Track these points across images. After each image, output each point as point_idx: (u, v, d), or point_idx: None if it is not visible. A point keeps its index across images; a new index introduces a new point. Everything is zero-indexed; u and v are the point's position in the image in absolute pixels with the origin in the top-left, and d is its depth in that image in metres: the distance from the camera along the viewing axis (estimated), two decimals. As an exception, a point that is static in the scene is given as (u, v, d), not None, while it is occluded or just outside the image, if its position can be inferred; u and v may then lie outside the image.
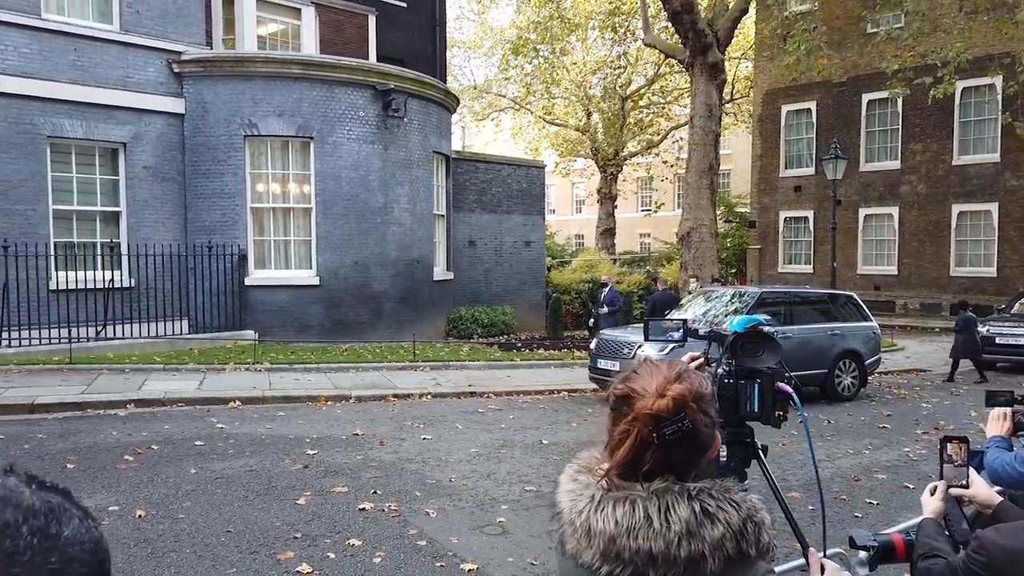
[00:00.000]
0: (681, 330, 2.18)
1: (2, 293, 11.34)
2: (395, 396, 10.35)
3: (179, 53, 13.17)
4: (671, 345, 8.66)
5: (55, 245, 12.14)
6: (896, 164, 22.52)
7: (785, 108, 24.72)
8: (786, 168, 24.94)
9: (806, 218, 24.53)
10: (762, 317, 2.35)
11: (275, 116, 13.43)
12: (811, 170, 23.89)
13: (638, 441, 1.26)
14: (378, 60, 16.32)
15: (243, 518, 5.45)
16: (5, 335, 11.32)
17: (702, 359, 1.90)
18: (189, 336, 13.06)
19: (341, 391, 10.34)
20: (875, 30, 20.00)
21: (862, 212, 23.24)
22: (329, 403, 9.91)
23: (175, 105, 13.21)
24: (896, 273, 22.64)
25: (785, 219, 25.05)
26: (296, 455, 7.19)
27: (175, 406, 9.38)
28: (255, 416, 9.00)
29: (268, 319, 13.63)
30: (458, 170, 17.42)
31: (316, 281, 13.83)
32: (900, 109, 21.91)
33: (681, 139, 32.32)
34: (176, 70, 13.18)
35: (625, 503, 1.24)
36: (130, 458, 6.92)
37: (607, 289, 13.28)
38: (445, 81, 18.88)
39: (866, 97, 22.74)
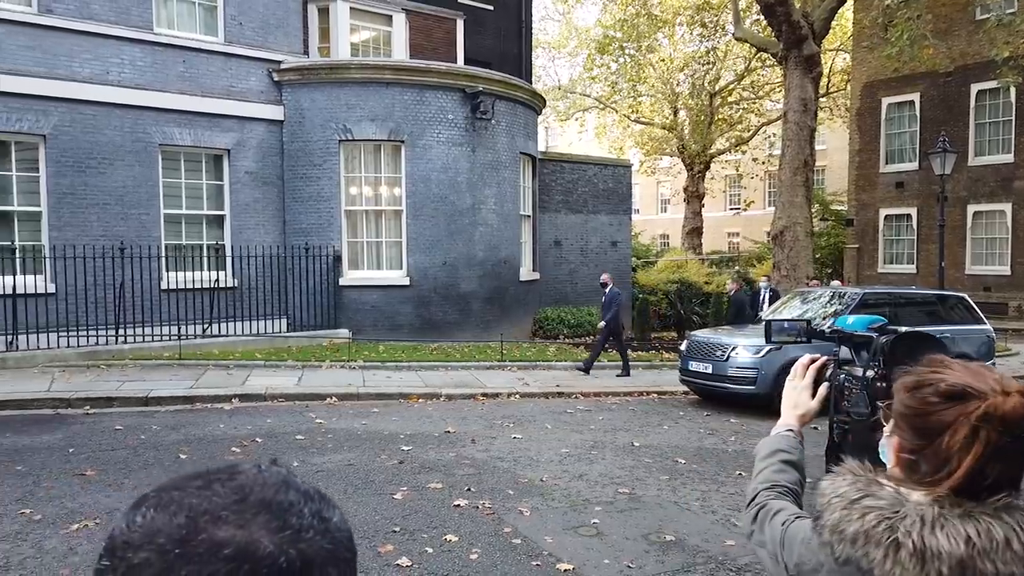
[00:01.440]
0: (803, 330, 2.04)
1: (119, 292, 12.10)
2: (484, 395, 10.46)
3: (279, 62, 13.73)
4: (767, 347, 8.39)
5: (166, 247, 12.87)
6: (1009, 158, 21.14)
7: (886, 101, 23.60)
8: (887, 163, 23.81)
9: (908, 215, 23.34)
10: (881, 317, 2.22)
11: (368, 120, 13.81)
12: (914, 165, 22.73)
13: (988, 448, 1.07)
14: (465, 63, 16.55)
15: (344, 510, 5.60)
16: (121, 332, 12.08)
17: (823, 361, 1.76)
18: (287, 334, 13.58)
19: (432, 389, 10.53)
20: (985, 16, 18.85)
21: (970, 209, 21.93)
22: (421, 401, 10.11)
23: (275, 112, 13.79)
24: (1009, 273, 21.25)
25: (885, 217, 23.91)
26: (391, 451, 7.37)
27: (276, 401, 9.78)
28: (351, 412, 9.28)
29: (361, 318, 14.03)
30: (544, 170, 17.45)
31: (406, 281, 14.14)
32: (1013, 99, 20.56)
33: (772, 135, 31.38)
34: (276, 78, 13.75)
35: (972, 521, 1.06)
36: (237, 450, 7.26)
37: (607, 289, 12.69)
38: (531, 82, 18.94)
39: (975, 87, 21.45)
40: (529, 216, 16.56)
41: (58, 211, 11.85)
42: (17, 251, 11.47)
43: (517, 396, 10.54)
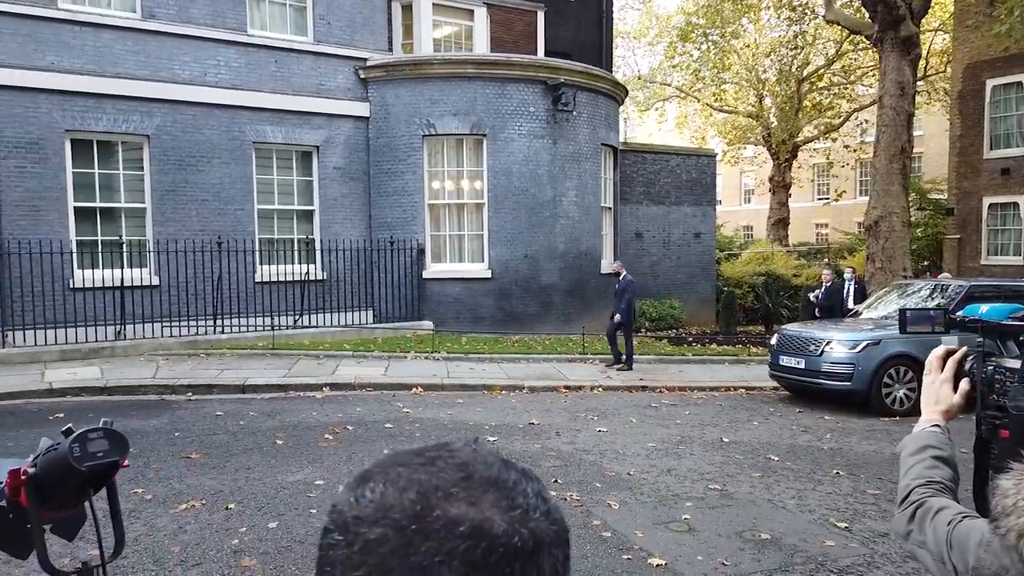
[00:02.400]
0: (942, 320, 1.88)
1: (217, 284, 12.66)
2: (566, 387, 10.44)
3: (364, 60, 14.04)
4: (865, 342, 8.04)
5: (259, 241, 13.38)
6: None
7: (991, 83, 22.18)
8: (991, 149, 22.41)
9: (1015, 204, 21.92)
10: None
11: (451, 115, 13.96)
12: (1021, 151, 21.31)
13: None
14: (546, 55, 16.51)
15: (434, 499, 5.71)
16: (219, 322, 12.64)
17: (963, 353, 1.61)
18: (373, 325, 13.91)
19: (514, 381, 10.58)
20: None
21: (1087, 196, 20.43)
22: (503, 392, 10.18)
23: (361, 109, 14.11)
24: None
25: (989, 206, 22.52)
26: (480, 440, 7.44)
27: (364, 390, 10.03)
28: (436, 402, 9.43)
29: (444, 310, 14.23)
30: (625, 162, 17.25)
31: (488, 274, 14.25)
32: None
33: (865, 121, 30.03)
34: (362, 76, 14.07)
35: None
36: (329, 437, 7.48)
37: (620, 278, 12.27)
38: (611, 72, 18.73)
39: (1093, 65, 19.92)
40: (610, 208, 16.41)
41: (161, 207, 12.48)
42: (124, 246, 12.14)
43: (600, 389, 10.48)
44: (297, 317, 13.31)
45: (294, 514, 5.31)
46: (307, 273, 13.57)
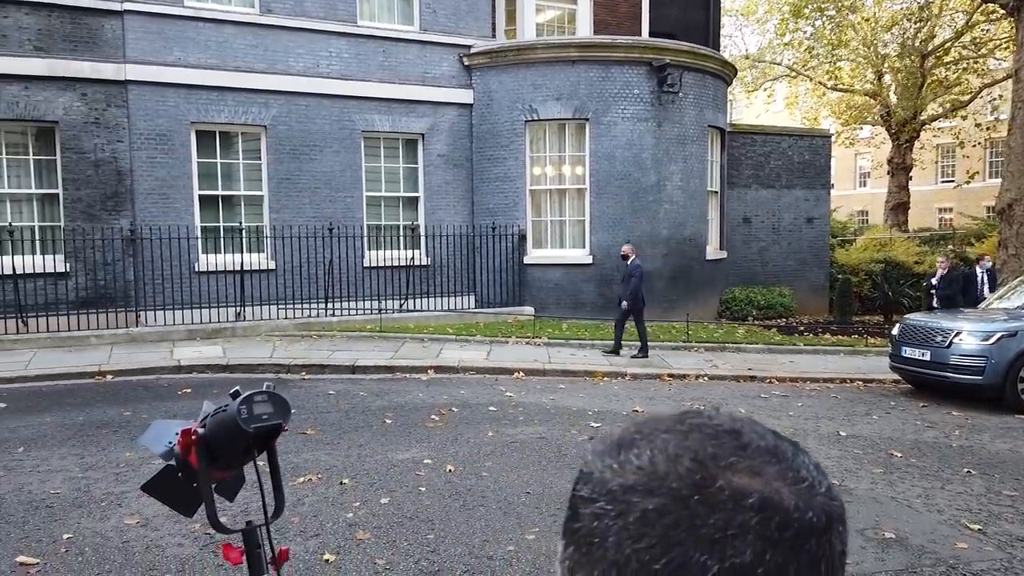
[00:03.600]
0: None
1: (328, 269, 13.15)
2: (670, 376, 10.24)
3: (469, 47, 14.16)
4: (999, 334, 7.47)
5: (367, 227, 13.78)
6: None
7: None
8: None
9: None
10: None
11: (553, 100, 13.89)
12: None
13: None
14: (651, 36, 16.12)
15: (540, 482, 5.73)
16: (330, 305, 13.14)
17: None
18: (475, 310, 14.09)
19: (616, 368, 10.46)
20: None
21: None
22: (606, 379, 10.09)
23: (465, 96, 14.26)
24: None
25: None
26: (581, 427, 7.41)
27: (467, 374, 10.18)
28: (538, 387, 9.45)
29: (544, 296, 14.24)
30: (733, 144, 16.67)
31: (589, 260, 14.14)
32: None
33: (998, 97, 27.82)
34: (466, 63, 14.20)
35: None
36: (435, 418, 7.63)
37: (628, 261, 11.79)
38: (719, 52, 18.10)
39: None
40: (716, 192, 15.92)
41: (277, 195, 13.05)
42: (244, 232, 12.79)
43: (705, 378, 10.21)
44: (402, 301, 13.65)
45: (404, 491, 5.44)
46: (412, 259, 13.89)
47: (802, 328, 14.57)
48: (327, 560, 4.29)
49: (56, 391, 8.75)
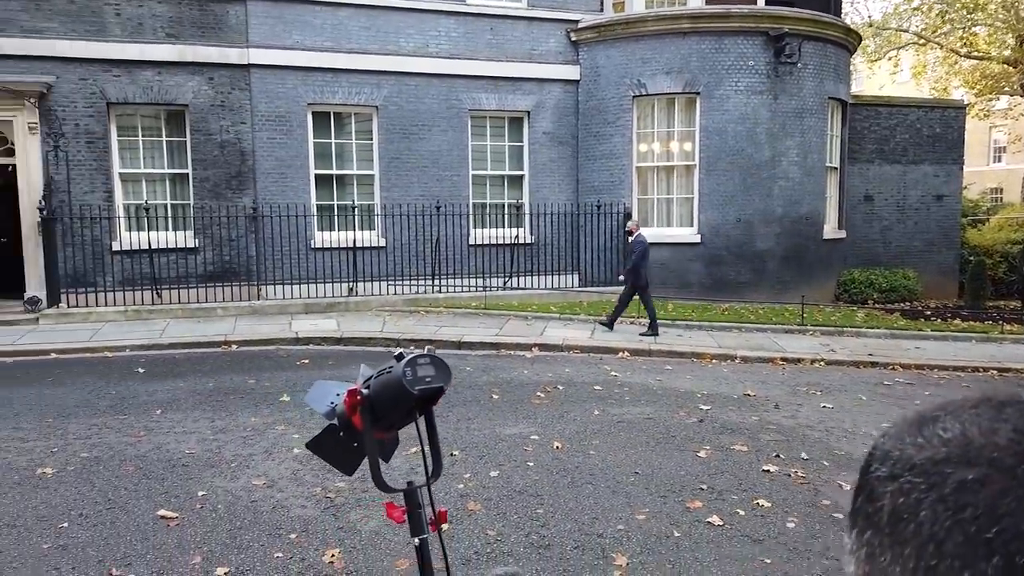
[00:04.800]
0: None
1: (435, 247, 13.40)
2: (783, 359, 9.85)
3: (576, 22, 13.97)
4: None
5: (472, 206, 13.93)
6: None
7: None
8: None
9: None
10: None
11: (663, 74, 13.52)
12: None
13: None
14: (767, 4, 15.36)
15: (648, 462, 5.65)
16: (436, 282, 13.40)
17: None
18: (579, 289, 14.03)
19: (726, 350, 10.17)
20: None
21: None
22: (714, 361, 9.83)
23: (571, 72, 14.11)
24: None
25: None
26: (689, 409, 7.25)
27: (571, 352, 10.15)
28: (644, 367, 9.31)
29: (651, 275, 13.94)
30: (855, 116, 15.74)
31: (697, 239, 13.76)
32: None
33: None
34: (573, 38, 14.03)
35: None
36: (541, 395, 7.66)
37: (632, 237, 11.20)
38: (841, 19, 17.08)
39: None
40: (836, 168, 15.11)
41: (387, 174, 13.38)
42: (356, 210, 13.20)
43: (822, 363, 9.76)
44: (506, 279, 13.75)
45: (512, 465, 5.50)
46: (516, 237, 13.95)
47: (928, 313, 13.68)
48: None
49: (187, 358, 9.37)
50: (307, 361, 9.17)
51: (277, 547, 4.13)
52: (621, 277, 11.11)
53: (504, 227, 14.09)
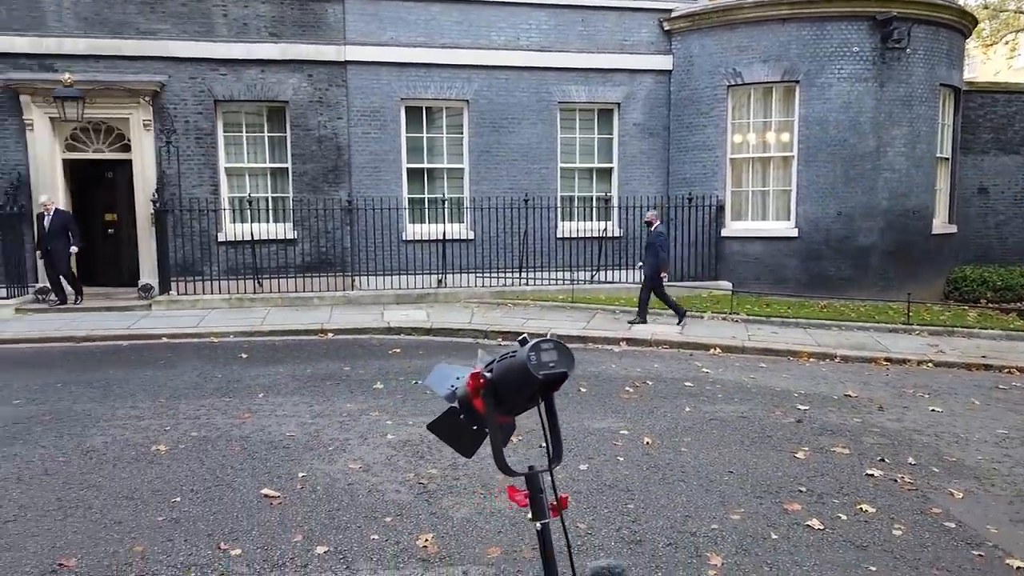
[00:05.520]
0: None
1: (523, 240, 13.45)
2: (887, 360, 9.38)
3: (669, 11, 13.70)
4: None
5: (560, 199, 13.89)
6: None
7: None
8: None
9: None
10: None
11: (760, 63, 13.08)
12: None
13: None
14: (873, -12, 14.62)
15: (742, 461, 5.49)
16: (524, 275, 13.45)
17: None
18: (668, 284, 13.71)
19: (824, 349, 9.77)
20: None
21: None
22: (811, 360, 9.46)
23: (663, 63, 13.85)
24: None
25: None
26: (786, 408, 7.01)
27: (660, 347, 9.99)
28: (736, 365, 9.06)
29: (742, 270, 13.59)
30: (969, 104, 14.80)
31: (794, 233, 13.27)
32: None
33: None
34: (666, 28, 13.76)
35: None
36: (630, 389, 7.57)
37: (651, 228, 10.93)
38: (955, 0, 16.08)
39: None
40: (947, 159, 14.25)
41: (477, 167, 13.51)
42: (445, 203, 13.39)
43: (930, 364, 9.24)
44: (594, 273, 13.65)
45: (602, 459, 5.46)
46: (604, 230, 13.83)
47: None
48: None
49: (286, 345, 9.75)
50: (399, 350, 9.38)
51: (373, 529, 4.25)
52: (664, 275, 10.91)
53: (592, 220, 14.00)
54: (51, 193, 12.13)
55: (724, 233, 13.66)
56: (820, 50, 12.83)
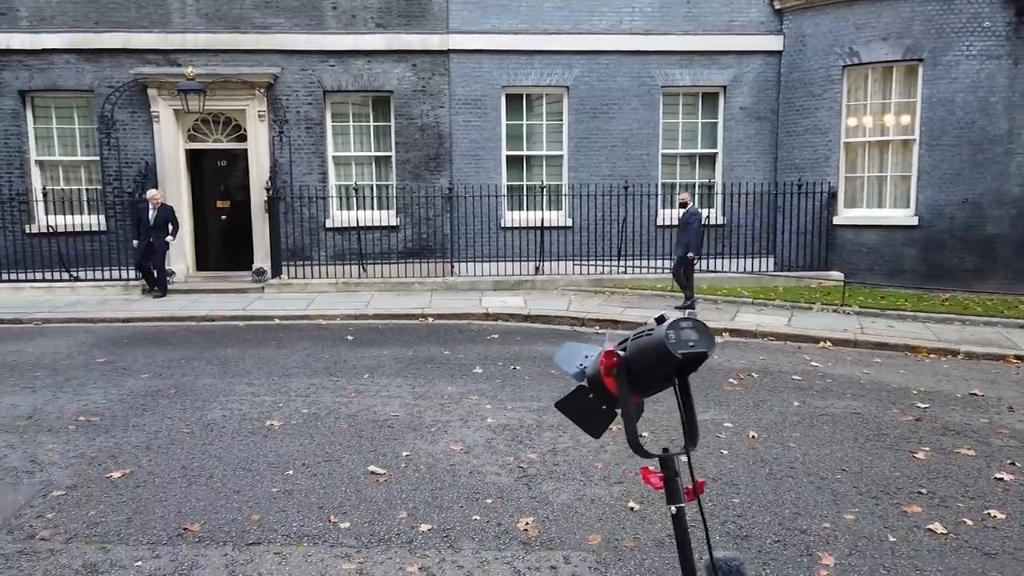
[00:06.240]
0: None
1: (621, 227, 13.27)
2: (1017, 357, 8.70)
3: (780, -11, 13.14)
4: None
5: (661, 186, 13.61)
6: None
7: None
8: None
9: None
10: None
11: (879, 41, 12.35)
12: None
13: None
14: (1009, -44, 13.51)
15: (856, 460, 5.23)
16: (622, 263, 13.28)
17: None
18: (774, 273, 13.28)
19: (945, 344, 9.16)
20: None
21: None
22: (931, 356, 8.90)
23: (773, 43, 13.30)
24: None
25: None
26: (904, 406, 6.62)
27: (765, 339, 9.65)
28: (848, 359, 8.64)
29: (855, 260, 12.93)
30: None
31: (914, 221, 12.50)
32: None
33: None
34: (777, 6, 13.19)
35: None
36: (734, 382, 7.35)
37: (686, 209, 10.92)
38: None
39: None
40: (1091, 141, 13.03)
41: (576, 154, 13.42)
42: (544, 190, 13.38)
43: (1068, 364, 8.51)
44: (695, 262, 13.29)
45: (705, 452, 5.32)
46: (707, 217, 13.44)
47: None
48: (631, 508, 4.35)
49: (389, 328, 10.03)
50: (496, 336, 9.46)
51: (475, 510, 4.30)
52: (692, 255, 10.94)
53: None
54: (174, 182, 12.92)
55: (836, 221, 13.03)
56: (947, 26, 11.98)
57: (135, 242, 12.21)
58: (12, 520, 4.17)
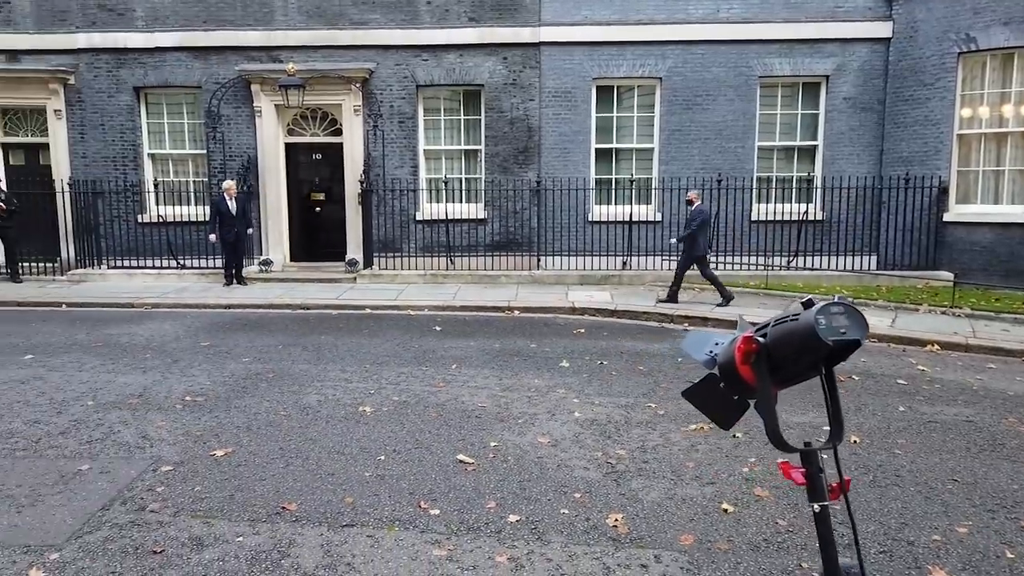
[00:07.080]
0: None
1: (714, 222, 12.90)
2: None
3: (889, -28, 12.46)
4: None
5: (756, 179, 13.17)
6: None
7: None
8: None
9: None
10: None
11: (1000, 25, 11.54)
12: None
13: None
14: None
15: (969, 470, 4.91)
16: (714, 259, 12.92)
17: None
18: (876, 272, 12.65)
19: (1070, 351, 8.49)
20: None
21: None
22: (1053, 363, 8.26)
23: (881, 30, 12.63)
24: None
25: None
26: (1022, 415, 6.17)
27: (868, 340, 9.17)
28: (959, 364, 8.13)
29: (967, 260, 12.16)
30: None
31: (1034, 219, 11.64)
32: None
33: None
34: (885, -9, 12.54)
35: None
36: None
37: (692, 207, 10.79)
38: None
39: None
40: None
41: (667, 147, 13.15)
42: (632, 184, 13.17)
43: None
44: (791, 258, 12.85)
45: (803, 455, 5.11)
46: (804, 213, 12.95)
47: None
48: (725, 509, 4.22)
49: (476, 320, 10.11)
50: (582, 331, 9.39)
51: (563, 504, 4.27)
52: (673, 240, 11.25)
53: (791, 202, 13.16)
54: (274, 174, 13.41)
55: (947, 218, 12.29)
56: (1078, 7, 11.08)
57: (212, 236, 12.25)
58: (125, 492, 4.42)
